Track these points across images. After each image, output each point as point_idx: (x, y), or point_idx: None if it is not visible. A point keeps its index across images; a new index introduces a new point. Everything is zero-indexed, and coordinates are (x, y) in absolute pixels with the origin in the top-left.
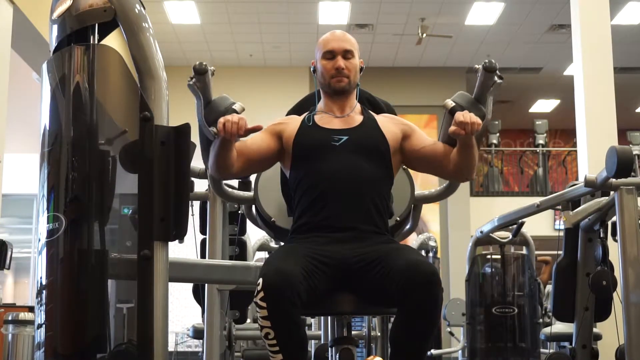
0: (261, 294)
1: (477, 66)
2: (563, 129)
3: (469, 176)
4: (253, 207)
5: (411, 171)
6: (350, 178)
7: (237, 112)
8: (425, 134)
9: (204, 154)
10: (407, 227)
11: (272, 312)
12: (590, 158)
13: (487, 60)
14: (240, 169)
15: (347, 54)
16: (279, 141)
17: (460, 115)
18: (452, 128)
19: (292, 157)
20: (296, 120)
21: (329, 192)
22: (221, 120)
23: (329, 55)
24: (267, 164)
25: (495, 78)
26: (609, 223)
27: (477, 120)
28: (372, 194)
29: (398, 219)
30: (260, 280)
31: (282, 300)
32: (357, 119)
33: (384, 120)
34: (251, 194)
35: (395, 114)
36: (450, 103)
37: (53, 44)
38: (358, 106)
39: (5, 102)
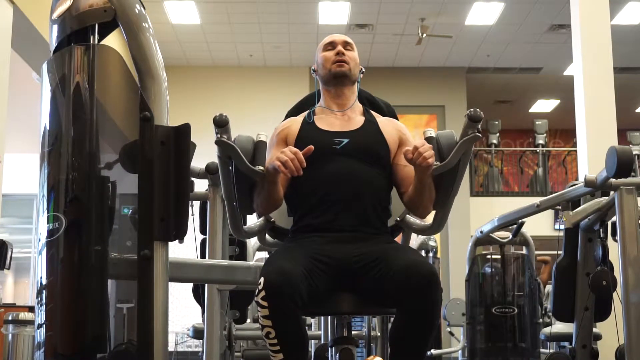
0: (262, 293)
1: (467, 113)
2: (563, 129)
3: (418, 213)
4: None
5: None
6: (350, 182)
7: (265, 143)
8: None
9: (245, 198)
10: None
11: (273, 311)
12: (590, 158)
13: (472, 110)
14: (283, 196)
15: (347, 45)
16: None
17: (420, 143)
18: (406, 149)
19: None
20: (296, 122)
21: (329, 197)
22: (278, 162)
23: (330, 47)
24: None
25: (475, 130)
26: (609, 223)
27: (430, 159)
28: (373, 198)
29: (398, 219)
30: (262, 280)
31: (283, 299)
32: (358, 120)
33: (385, 124)
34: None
35: (396, 115)
36: (428, 132)
37: (53, 44)
38: (360, 106)
39: (5, 102)
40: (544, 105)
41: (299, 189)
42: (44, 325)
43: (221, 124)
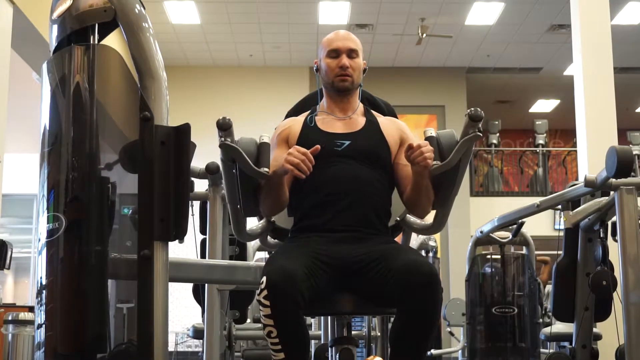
0: (264, 293)
1: (467, 112)
2: (563, 129)
3: (417, 213)
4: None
5: None
6: (352, 184)
7: (268, 144)
8: None
9: (249, 200)
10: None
11: (275, 310)
12: (590, 158)
13: (473, 109)
14: (288, 198)
15: (351, 53)
16: None
17: (423, 144)
18: (408, 144)
19: None
20: (297, 122)
21: (330, 198)
22: (289, 165)
23: (334, 54)
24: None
25: (476, 130)
26: (609, 223)
27: (429, 158)
28: (373, 200)
29: (398, 219)
30: (264, 279)
31: (285, 298)
32: (360, 121)
33: (386, 124)
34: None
35: (396, 115)
36: (429, 132)
37: (53, 44)
38: (361, 106)
39: (5, 102)
40: (544, 105)
41: (300, 190)
42: (44, 325)
43: (225, 127)
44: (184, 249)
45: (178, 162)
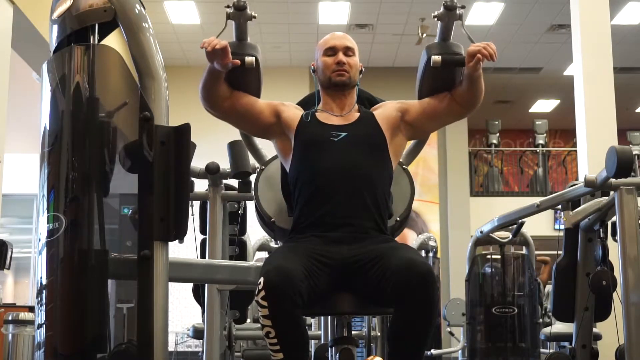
0: (262, 293)
1: (436, 12)
2: (563, 129)
3: (479, 103)
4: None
5: (411, 172)
6: (348, 174)
7: (253, 57)
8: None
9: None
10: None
11: (273, 311)
12: (590, 158)
13: (445, 1)
14: (224, 109)
15: (347, 51)
16: (272, 117)
17: (479, 47)
18: (471, 62)
19: (293, 151)
20: (298, 110)
21: (327, 188)
22: (206, 39)
23: (330, 52)
24: (249, 126)
25: (458, 11)
26: (609, 223)
27: (493, 45)
28: (370, 189)
29: (398, 219)
30: (262, 279)
31: (283, 299)
32: (355, 115)
33: (379, 112)
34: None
35: None
36: (438, 58)
37: (53, 44)
38: (356, 106)
39: (5, 102)
40: (544, 105)
41: (297, 181)
42: (44, 325)
43: (238, 8)
44: (184, 249)
45: (178, 162)
